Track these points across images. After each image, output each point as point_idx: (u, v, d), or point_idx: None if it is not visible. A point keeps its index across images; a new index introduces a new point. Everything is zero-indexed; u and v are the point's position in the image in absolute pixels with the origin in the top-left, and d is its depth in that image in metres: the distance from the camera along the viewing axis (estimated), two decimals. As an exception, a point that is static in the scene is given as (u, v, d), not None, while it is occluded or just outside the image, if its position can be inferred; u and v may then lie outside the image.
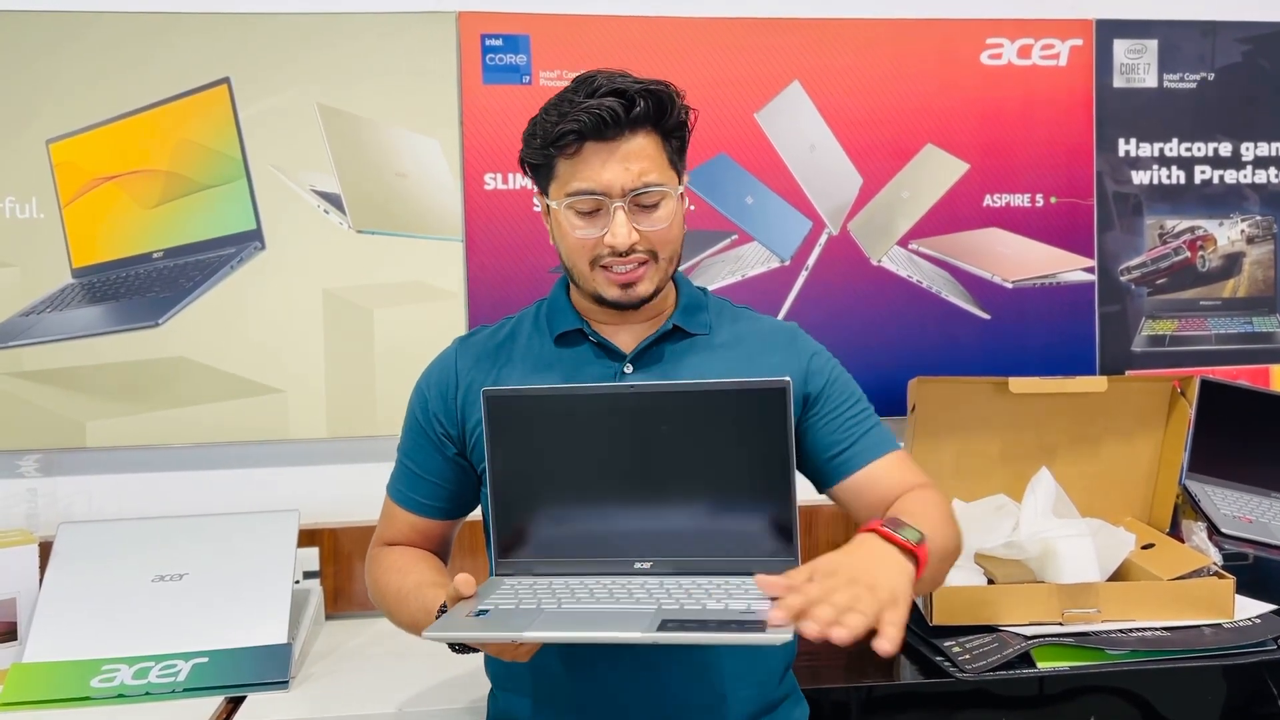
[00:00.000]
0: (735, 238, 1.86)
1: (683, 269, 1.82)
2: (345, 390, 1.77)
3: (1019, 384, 1.70)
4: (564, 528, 1.03)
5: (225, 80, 1.74)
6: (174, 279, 1.74)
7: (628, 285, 1.10)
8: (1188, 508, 1.83)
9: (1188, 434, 1.78)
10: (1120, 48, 1.95)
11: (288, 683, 1.41)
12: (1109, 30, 1.95)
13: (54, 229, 1.72)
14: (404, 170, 1.78)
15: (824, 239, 1.88)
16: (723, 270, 1.86)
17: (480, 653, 1.08)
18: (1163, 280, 1.98)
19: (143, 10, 1.72)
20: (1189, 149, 1.98)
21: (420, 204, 1.79)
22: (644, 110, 1.07)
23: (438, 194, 1.79)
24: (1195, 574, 1.50)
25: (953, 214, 1.91)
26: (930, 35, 1.89)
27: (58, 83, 1.71)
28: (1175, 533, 1.76)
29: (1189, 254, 1.99)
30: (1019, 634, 1.42)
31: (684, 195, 1.15)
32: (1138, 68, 1.96)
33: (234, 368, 1.75)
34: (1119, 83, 1.95)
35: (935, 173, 1.91)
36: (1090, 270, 1.95)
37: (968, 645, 1.40)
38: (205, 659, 1.42)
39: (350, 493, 1.76)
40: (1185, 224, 1.99)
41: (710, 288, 1.82)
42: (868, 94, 1.88)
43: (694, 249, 1.84)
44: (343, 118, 1.77)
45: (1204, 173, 1.99)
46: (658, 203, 1.10)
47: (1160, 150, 1.97)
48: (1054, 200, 1.94)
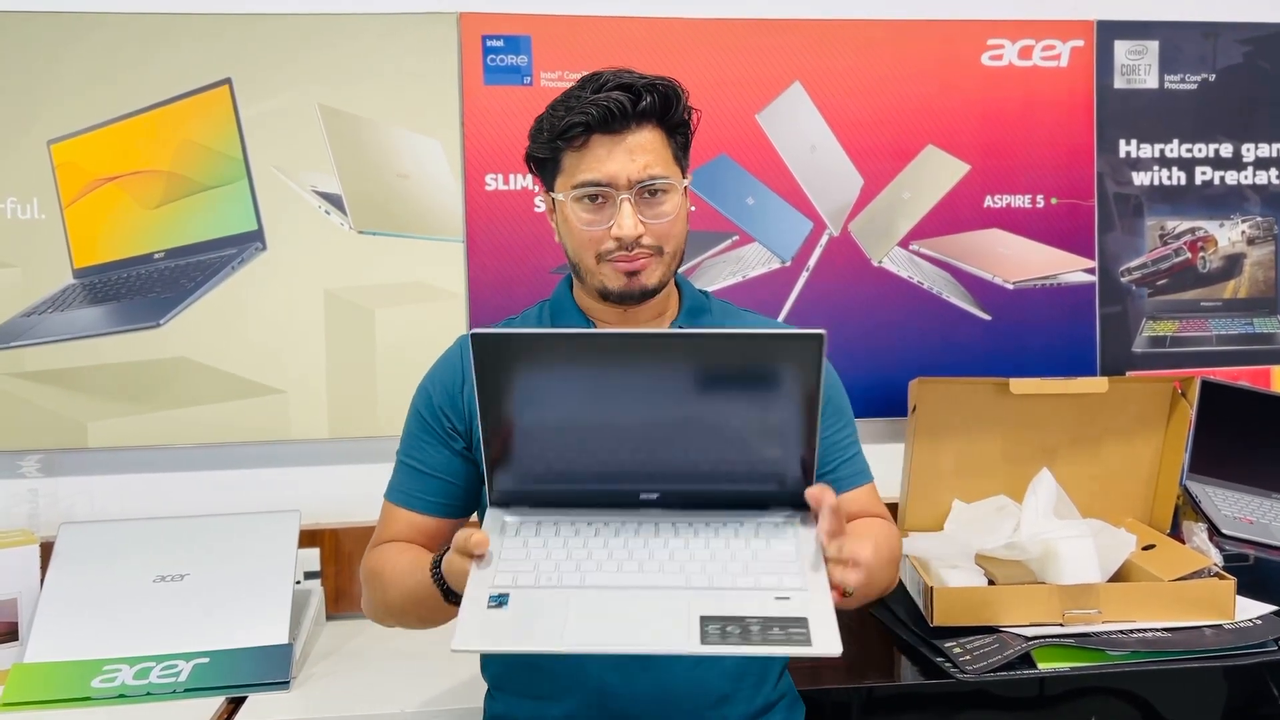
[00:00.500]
0: (736, 239, 1.86)
1: (684, 269, 1.83)
2: (346, 391, 1.77)
3: (1020, 385, 1.70)
4: (564, 458, 0.98)
5: (226, 81, 1.74)
6: (175, 279, 1.74)
7: (633, 274, 1.11)
8: (1188, 509, 1.83)
9: (1188, 435, 1.78)
10: (1121, 49, 1.95)
11: (288, 683, 1.41)
12: (1110, 31, 1.95)
13: (55, 229, 1.72)
14: (405, 171, 1.78)
15: (825, 240, 1.89)
16: (724, 271, 1.86)
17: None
18: (1163, 281, 1.98)
19: (144, 11, 1.72)
20: (1190, 150, 1.98)
21: (421, 204, 1.79)
22: (650, 104, 1.09)
23: (439, 194, 1.79)
24: (1196, 575, 1.50)
25: (953, 215, 1.91)
26: (931, 36, 1.89)
27: (59, 83, 1.71)
28: (1176, 534, 1.76)
29: (1190, 255, 1.99)
30: (1020, 635, 1.42)
31: (687, 192, 1.15)
32: (1139, 69, 1.96)
33: (235, 368, 1.75)
34: (1120, 84, 1.95)
35: (936, 174, 1.91)
36: (1091, 271, 1.95)
37: (968, 646, 1.40)
38: (206, 659, 1.42)
39: (351, 493, 1.77)
40: (1186, 225, 1.99)
41: (711, 288, 1.83)
42: (869, 95, 1.88)
43: (695, 250, 1.85)
44: (344, 118, 1.77)
45: (1205, 174, 1.99)
46: (663, 196, 1.11)
47: (1161, 151, 1.97)
48: (1055, 201, 1.94)
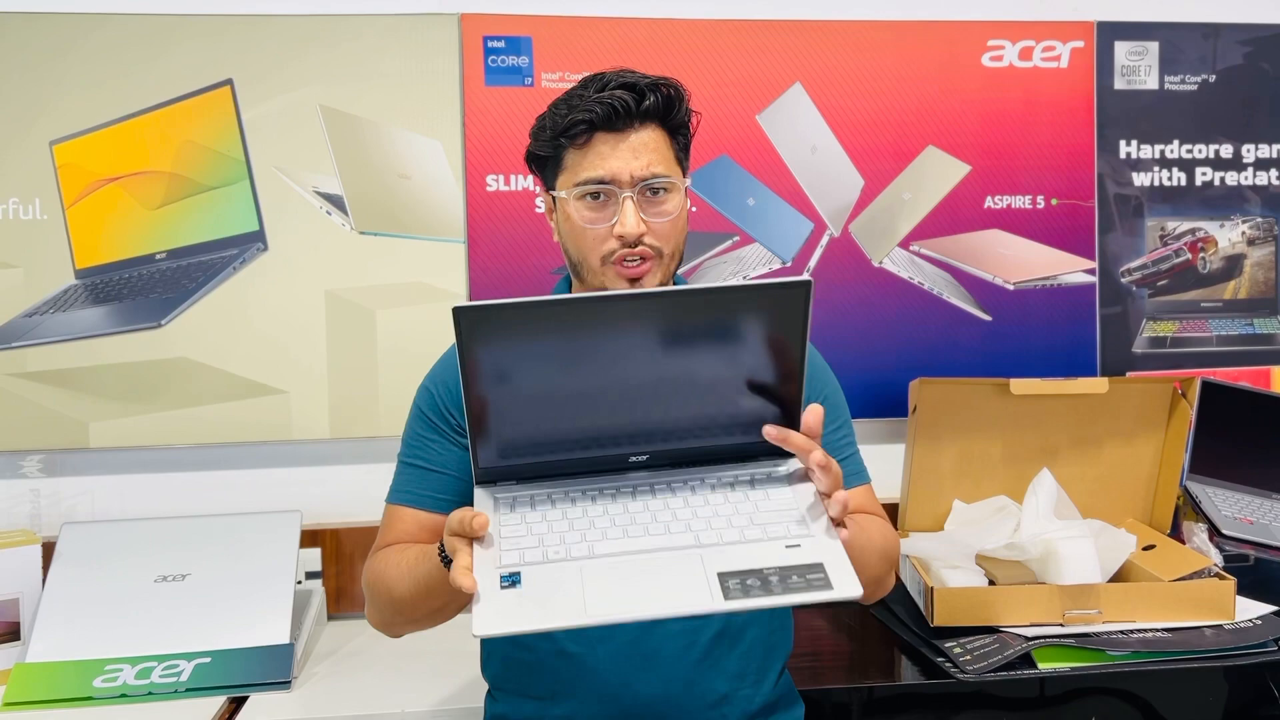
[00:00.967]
0: (737, 239, 1.87)
1: (684, 270, 1.83)
2: (348, 391, 1.77)
3: (1020, 385, 1.70)
4: (550, 427, 0.96)
5: (228, 82, 1.74)
6: (177, 280, 1.74)
7: (635, 280, 1.11)
8: (1189, 509, 1.83)
9: (1189, 435, 1.78)
10: (1121, 50, 1.95)
11: (290, 683, 1.41)
12: (1110, 32, 1.95)
13: (57, 230, 1.72)
14: (406, 171, 1.79)
15: (825, 240, 1.89)
16: (724, 272, 1.86)
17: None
18: (1164, 282, 1.98)
19: (145, 12, 1.72)
20: (1190, 151, 1.98)
21: (422, 205, 1.79)
22: (653, 104, 1.09)
23: (440, 195, 1.79)
24: (1196, 575, 1.50)
25: (954, 216, 1.91)
26: (932, 37, 1.89)
27: (61, 84, 1.71)
28: (1176, 534, 1.76)
29: (1190, 256, 1.99)
30: (1020, 635, 1.42)
31: (688, 193, 1.16)
32: (1139, 70, 1.96)
33: (237, 368, 1.75)
34: (1120, 85, 1.96)
35: (937, 174, 1.91)
36: (1091, 272, 1.95)
37: (969, 646, 1.40)
38: (208, 659, 1.42)
39: (353, 493, 1.77)
40: (1186, 226, 1.99)
41: (712, 289, 1.84)
42: (869, 96, 1.89)
43: (696, 251, 1.85)
44: (345, 119, 1.77)
45: (1205, 174, 1.99)
46: (666, 196, 1.11)
47: (1161, 152, 1.97)
48: (1055, 202, 1.94)
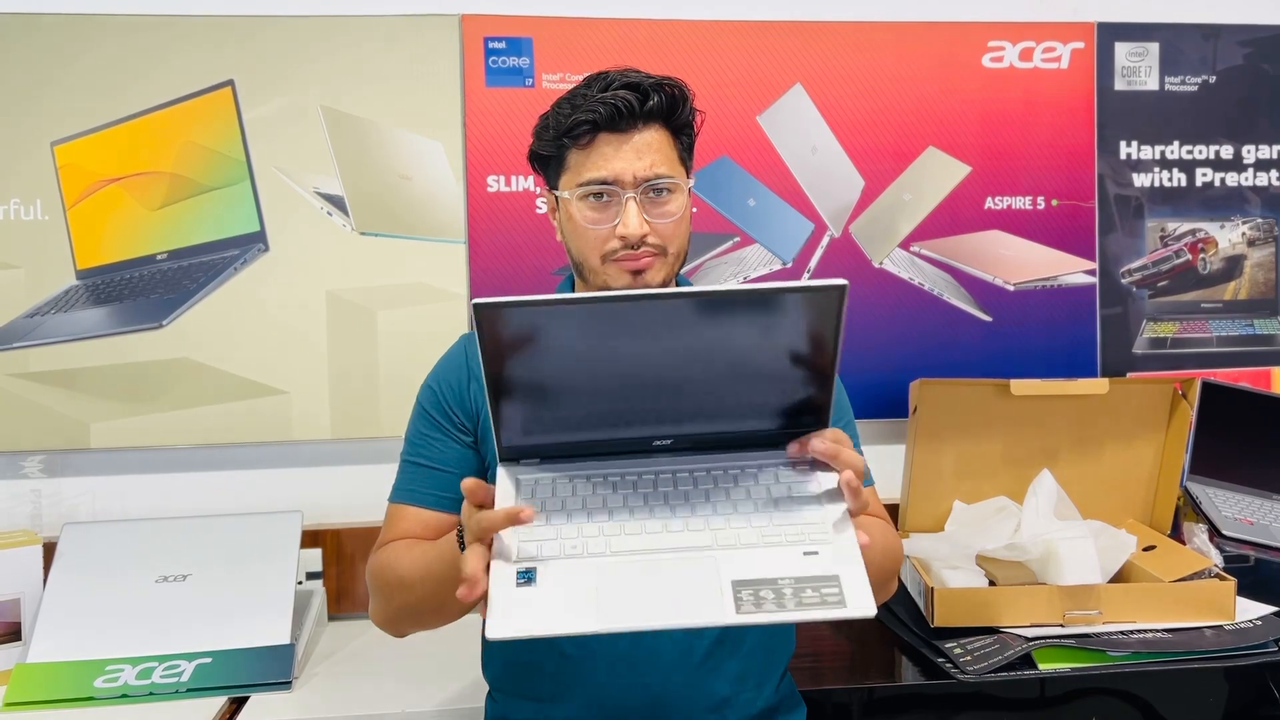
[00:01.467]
0: (737, 240, 1.87)
1: (685, 271, 1.83)
2: (349, 391, 1.77)
3: (1020, 386, 1.70)
4: (574, 406, 0.94)
5: (229, 83, 1.74)
6: (178, 280, 1.74)
7: (637, 274, 1.11)
8: (1189, 510, 1.83)
9: (1189, 436, 1.78)
10: (1122, 50, 1.95)
11: (290, 683, 1.41)
12: (1110, 33, 1.95)
13: (58, 231, 1.72)
14: (407, 172, 1.79)
15: (826, 241, 1.89)
16: (725, 273, 1.86)
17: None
18: (1164, 283, 1.98)
19: (147, 13, 1.72)
20: (1190, 151, 1.98)
21: (423, 206, 1.79)
22: (657, 104, 1.09)
23: (441, 196, 1.80)
24: (1196, 576, 1.50)
25: (954, 216, 1.92)
26: (932, 38, 1.89)
27: (62, 85, 1.71)
28: (1176, 535, 1.76)
29: (1190, 256, 1.99)
30: (1020, 635, 1.42)
31: (691, 193, 1.15)
32: (1139, 70, 1.96)
33: (237, 369, 1.75)
34: (1120, 85, 1.96)
35: (937, 175, 1.91)
36: (1091, 273, 1.95)
37: (969, 647, 1.40)
38: (209, 659, 1.42)
39: (353, 494, 1.77)
40: (1186, 226, 1.99)
41: (712, 290, 1.84)
42: (870, 96, 1.89)
43: (696, 251, 1.85)
44: (346, 120, 1.77)
45: (1205, 175, 1.99)
46: (669, 196, 1.11)
47: (1161, 153, 1.97)
48: (1055, 203, 1.94)
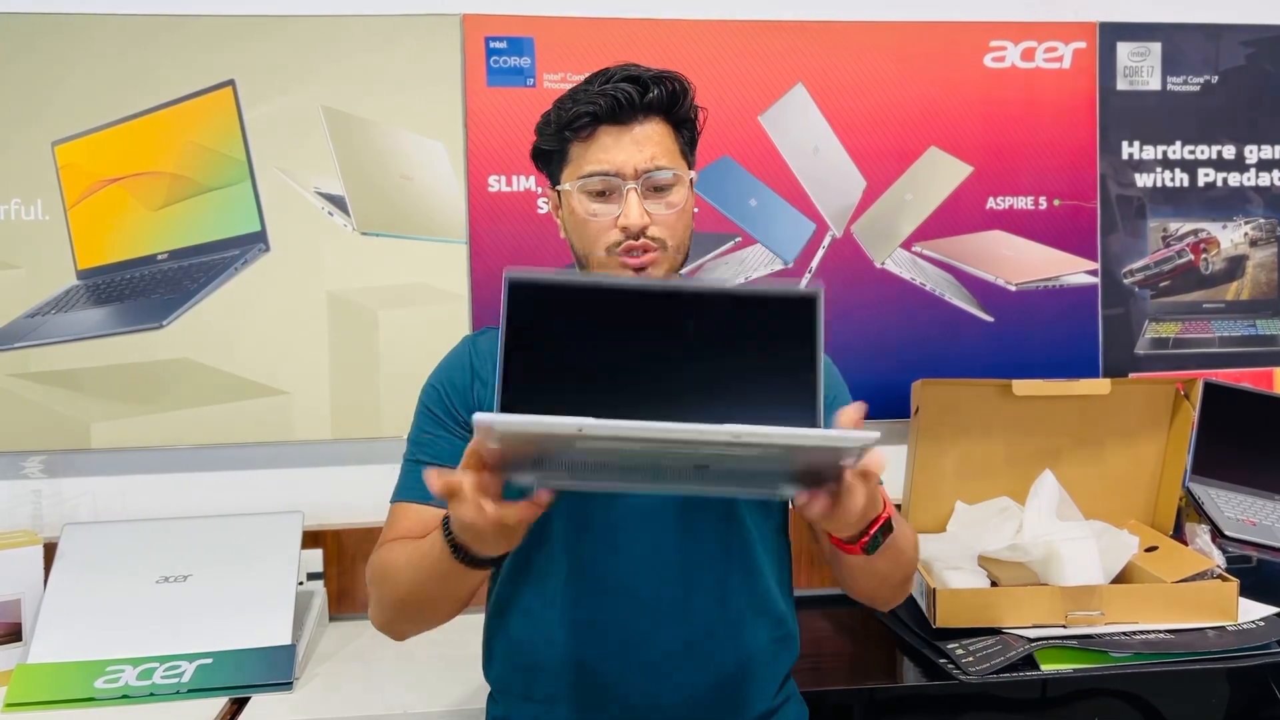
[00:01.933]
0: (739, 240, 1.87)
1: (686, 271, 1.83)
2: (349, 392, 1.77)
3: (1022, 386, 1.70)
4: (579, 398, 0.90)
5: (230, 83, 1.74)
6: (179, 281, 1.74)
7: (640, 270, 1.11)
8: (1191, 510, 1.83)
9: (1191, 437, 1.78)
10: (1124, 50, 1.95)
11: (291, 684, 1.41)
12: (1112, 33, 1.95)
13: (59, 231, 1.72)
14: (408, 172, 1.79)
15: (827, 241, 1.89)
16: (726, 273, 1.86)
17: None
18: (1166, 283, 1.98)
19: (148, 13, 1.72)
20: (1192, 152, 1.98)
21: (424, 206, 1.79)
22: (658, 97, 1.09)
23: (442, 196, 1.79)
24: (1199, 577, 1.50)
25: (956, 216, 1.91)
26: (934, 38, 1.89)
27: (63, 85, 1.71)
28: (1179, 535, 1.76)
29: (1192, 257, 1.99)
30: (1022, 636, 1.42)
31: (693, 187, 1.15)
32: (1141, 70, 1.96)
33: (238, 369, 1.75)
34: (1122, 85, 1.95)
35: (939, 175, 1.91)
36: (1093, 273, 1.95)
37: (971, 647, 1.40)
38: (209, 660, 1.42)
39: (354, 494, 1.77)
40: (1189, 227, 1.99)
41: (714, 290, 1.83)
42: (871, 96, 1.89)
43: (697, 251, 1.84)
44: (347, 120, 1.77)
45: (1207, 175, 1.99)
46: (670, 187, 1.11)
47: (1164, 153, 1.97)
48: (1057, 203, 1.94)
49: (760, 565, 1.14)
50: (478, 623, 1.20)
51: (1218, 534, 1.75)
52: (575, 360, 0.91)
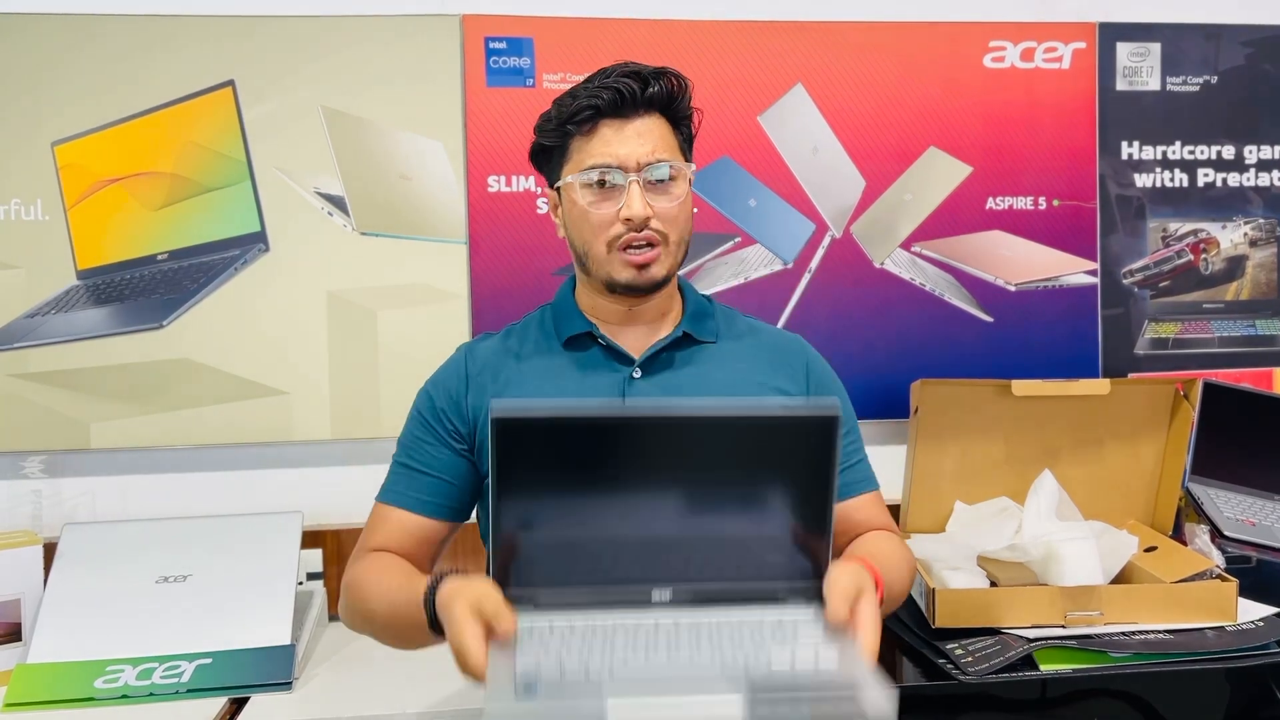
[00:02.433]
0: (738, 240, 1.87)
1: (686, 272, 1.83)
2: (349, 392, 1.77)
3: (1022, 386, 1.70)
4: (572, 555, 0.92)
5: (230, 83, 1.74)
6: (178, 281, 1.74)
7: (643, 267, 1.11)
8: (1191, 510, 1.83)
9: (1191, 437, 1.78)
10: (1123, 51, 1.95)
11: (291, 684, 1.41)
12: (1112, 33, 1.95)
13: (59, 231, 1.72)
14: (408, 172, 1.79)
15: (827, 241, 1.89)
16: (726, 273, 1.86)
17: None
18: (1165, 283, 1.98)
19: (147, 13, 1.72)
20: (1192, 152, 1.98)
21: (424, 206, 1.79)
22: (657, 92, 1.11)
23: (441, 196, 1.79)
24: (1198, 577, 1.50)
25: (956, 217, 1.91)
26: (933, 38, 1.89)
27: (63, 85, 1.71)
28: (1178, 536, 1.76)
29: (1192, 257, 1.99)
30: (1021, 636, 1.42)
31: (692, 183, 1.16)
32: (1141, 71, 1.96)
33: (238, 369, 1.75)
34: (1122, 86, 1.95)
35: (938, 175, 1.91)
36: (1093, 273, 1.95)
37: (970, 648, 1.40)
38: (209, 660, 1.42)
39: (354, 494, 1.76)
40: (1188, 227, 1.99)
41: (714, 290, 1.84)
42: (871, 96, 1.89)
43: (697, 252, 1.85)
44: (347, 120, 1.77)
45: (1207, 175, 1.99)
46: (670, 181, 1.11)
47: (1163, 153, 1.97)
48: (1057, 203, 1.94)
49: None
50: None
51: (1217, 534, 1.75)
52: (568, 511, 0.89)
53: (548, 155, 1.16)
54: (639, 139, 1.10)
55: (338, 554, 1.73)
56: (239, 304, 1.75)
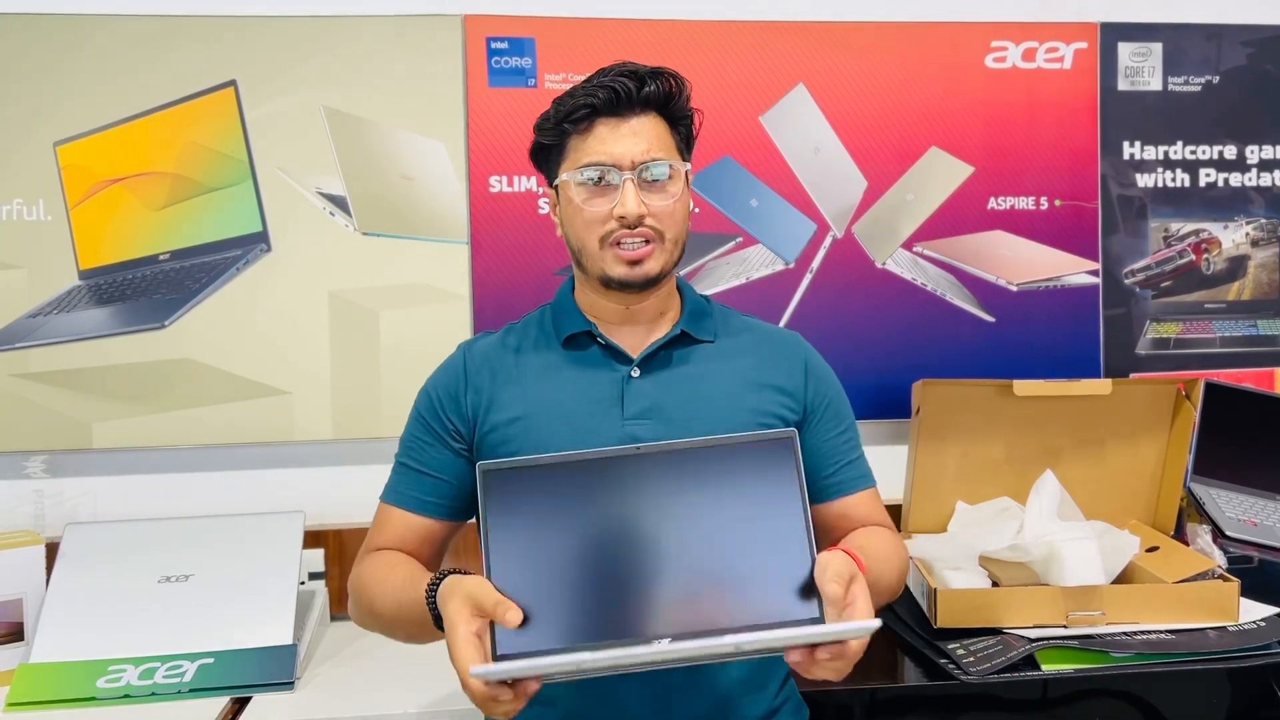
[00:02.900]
0: (740, 240, 1.87)
1: (687, 271, 1.83)
2: (351, 392, 1.77)
3: (1023, 386, 1.70)
4: (569, 610, 0.93)
5: (231, 83, 1.75)
6: (180, 281, 1.74)
7: (635, 263, 1.11)
8: (1192, 511, 1.83)
9: (1192, 437, 1.78)
10: (1125, 51, 1.95)
11: (293, 683, 1.41)
12: (1113, 33, 1.95)
13: (61, 231, 1.72)
14: (409, 173, 1.79)
15: (828, 242, 1.89)
16: (727, 273, 1.86)
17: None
18: (1167, 283, 1.98)
19: (149, 13, 1.73)
20: (1193, 152, 1.98)
21: (426, 206, 1.79)
22: (654, 91, 1.11)
23: (443, 196, 1.80)
24: (1200, 577, 1.50)
25: (957, 217, 1.91)
26: (935, 38, 1.89)
27: (65, 85, 1.71)
28: (1180, 536, 1.76)
29: (1194, 257, 1.99)
30: (1023, 636, 1.42)
31: (690, 182, 1.16)
32: (1142, 71, 1.96)
33: (240, 369, 1.75)
34: (1123, 86, 1.95)
35: (940, 175, 1.91)
36: (1095, 273, 1.95)
37: (972, 648, 1.40)
38: (211, 660, 1.42)
39: (356, 494, 1.77)
40: (1190, 227, 1.99)
41: (715, 290, 1.84)
42: (872, 96, 1.89)
43: (699, 251, 1.85)
44: (348, 120, 1.77)
45: (1208, 175, 1.98)
46: (665, 180, 1.12)
47: (1165, 153, 1.97)
48: (1058, 203, 1.94)
49: None
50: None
51: (1219, 534, 1.75)
52: (555, 538, 0.94)
53: (546, 154, 1.17)
54: (634, 138, 1.10)
55: (339, 554, 1.73)
56: (241, 304, 1.75)
